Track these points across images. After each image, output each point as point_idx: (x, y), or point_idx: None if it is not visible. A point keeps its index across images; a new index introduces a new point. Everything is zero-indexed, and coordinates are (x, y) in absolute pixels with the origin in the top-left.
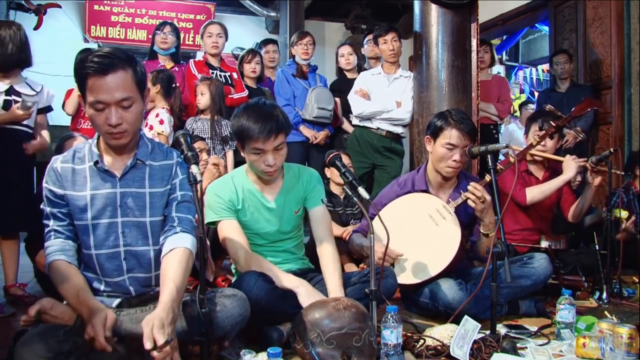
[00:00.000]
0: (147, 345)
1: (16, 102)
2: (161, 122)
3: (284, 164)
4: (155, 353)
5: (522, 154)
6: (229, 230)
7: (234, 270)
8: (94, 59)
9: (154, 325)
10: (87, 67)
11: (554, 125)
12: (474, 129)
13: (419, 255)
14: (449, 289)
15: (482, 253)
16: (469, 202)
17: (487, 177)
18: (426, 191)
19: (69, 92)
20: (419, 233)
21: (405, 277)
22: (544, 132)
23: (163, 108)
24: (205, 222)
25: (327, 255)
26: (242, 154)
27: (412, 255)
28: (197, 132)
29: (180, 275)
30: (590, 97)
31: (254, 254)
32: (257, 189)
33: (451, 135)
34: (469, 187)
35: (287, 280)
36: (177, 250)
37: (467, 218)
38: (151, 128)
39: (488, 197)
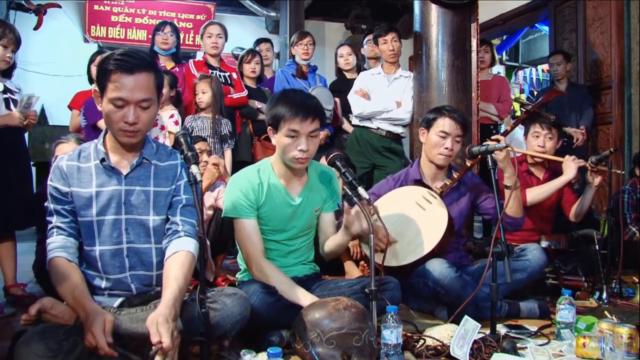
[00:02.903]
0: (154, 339)
1: (13, 100)
2: (176, 123)
3: None
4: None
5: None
6: (246, 231)
7: (239, 276)
8: (122, 57)
9: (158, 322)
10: (112, 63)
11: (525, 111)
12: (466, 120)
13: (409, 238)
14: (439, 265)
15: (511, 213)
16: (492, 149)
17: (468, 163)
18: (420, 180)
19: (77, 101)
20: (408, 220)
21: (398, 260)
22: (517, 119)
23: (174, 109)
24: (223, 215)
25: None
26: (273, 140)
27: (403, 239)
28: (196, 131)
29: (182, 277)
30: (555, 89)
31: (267, 261)
32: (283, 184)
33: (444, 123)
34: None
35: (299, 297)
36: (180, 253)
37: (457, 214)
38: (162, 129)
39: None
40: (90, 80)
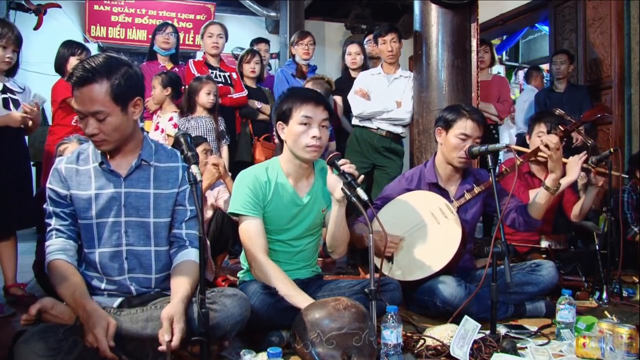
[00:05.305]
0: (166, 337)
1: (13, 100)
2: (175, 126)
3: None
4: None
5: (528, 157)
6: (251, 229)
7: (240, 276)
8: (76, 70)
9: (175, 320)
10: (71, 77)
11: (563, 129)
12: (485, 119)
13: (419, 252)
14: (448, 285)
15: (534, 214)
16: (542, 148)
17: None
18: (436, 184)
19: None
20: (420, 230)
21: (404, 274)
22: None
23: (175, 112)
24: (228, 211)
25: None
26: (282, 135)
27: (412, 252)
28: (191, 130)
29: (193, 279)
30: (601, 103)
31: (269, 261)
32: (291, 183)
33: (466, 125)
34: (545, 138)
35: (299, 300)
36: (190, 261)
37: (470, 218)
38: (162, 131)
39: (560, 150)
40: None
